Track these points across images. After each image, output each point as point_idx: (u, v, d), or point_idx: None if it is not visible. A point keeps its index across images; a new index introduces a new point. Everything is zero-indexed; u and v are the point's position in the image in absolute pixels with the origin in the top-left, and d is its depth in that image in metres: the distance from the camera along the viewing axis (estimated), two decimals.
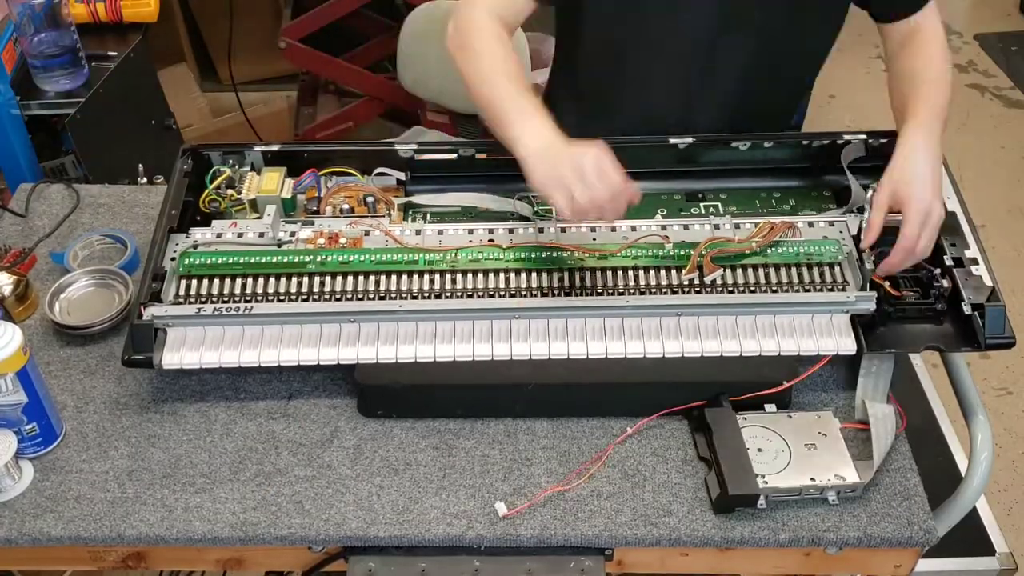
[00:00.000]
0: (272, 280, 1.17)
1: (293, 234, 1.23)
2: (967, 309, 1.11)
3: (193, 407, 1.16)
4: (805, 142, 1.33)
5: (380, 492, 1.07)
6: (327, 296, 1.15)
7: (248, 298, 1.15)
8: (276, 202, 1.25)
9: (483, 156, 1.31)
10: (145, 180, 1.55)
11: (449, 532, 1.04)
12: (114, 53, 1.89)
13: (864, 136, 1.30)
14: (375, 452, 1.11)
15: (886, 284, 1.13)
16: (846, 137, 1.31)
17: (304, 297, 1.15)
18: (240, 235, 1.22)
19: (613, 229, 1.22)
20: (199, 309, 1.12)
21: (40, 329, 1.26)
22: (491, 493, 1.07)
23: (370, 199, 1.27)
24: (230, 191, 1.28)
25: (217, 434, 1.13)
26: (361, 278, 1.17)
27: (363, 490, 1.07)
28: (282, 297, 1.15)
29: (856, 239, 1.19)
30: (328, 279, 1.17)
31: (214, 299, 1.15)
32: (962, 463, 1.52)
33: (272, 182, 1.27)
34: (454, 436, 1.13)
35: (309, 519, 1.05)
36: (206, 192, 1.28)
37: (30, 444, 1.10)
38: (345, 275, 1.17)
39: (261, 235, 1.22)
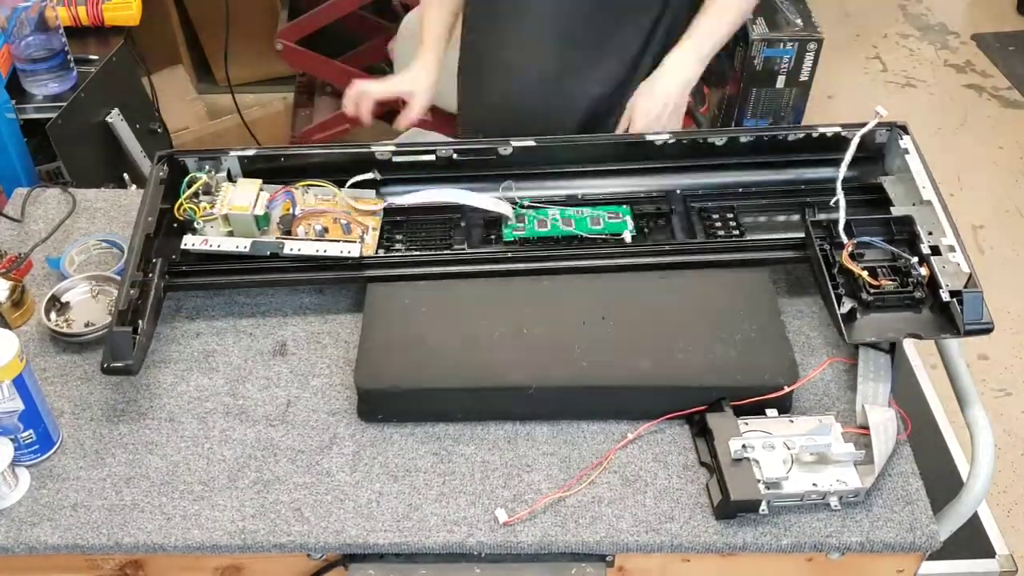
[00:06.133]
0: None
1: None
2: (945, 296, 1.12)
3: (191, 414, 1.15)
4: (781, 136, 1.32)
5: (379, 499, 1.07)
6: None
7: None
8: (249, 220, 1.23)
9: (463, 157, 1.31)
10: (134, 187, 1.54)
11: (449, 539, 1.03)
12: (95, 57, 1.87)
13: (839, 129, 1.30)
14: (374, 458, 1.11)
15: (864, 274, 1.14)
16: (821, 130, 1.30)
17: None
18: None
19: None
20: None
21: (36, 335, 1.25)
22: (491, 499, 1.06)
23: (344, 222, 1.25)
24: (206, 198, 1.26)
25: (215, 441, 1.13)
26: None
27: (362, 497, 1.07)
28: None
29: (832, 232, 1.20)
30: None
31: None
32: (961, 464, 1.51)
33: (245, 198, 1.24)
34: (454, 442, 1.12)
35: (308, 526, 1.04)
36: (179, 200, 1.26)
37: (26, 451, 1.09)
38: None
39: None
